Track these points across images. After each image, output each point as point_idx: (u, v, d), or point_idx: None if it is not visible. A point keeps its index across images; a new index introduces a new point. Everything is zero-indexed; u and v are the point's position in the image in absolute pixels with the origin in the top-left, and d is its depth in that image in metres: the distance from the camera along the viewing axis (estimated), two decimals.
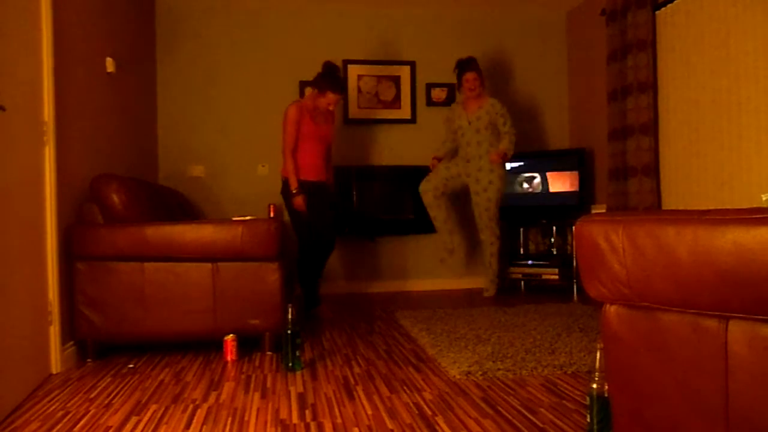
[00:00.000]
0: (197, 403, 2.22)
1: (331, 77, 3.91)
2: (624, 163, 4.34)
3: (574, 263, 4.65)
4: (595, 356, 1.72)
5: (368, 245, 5.17)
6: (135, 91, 4.21)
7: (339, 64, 5.15)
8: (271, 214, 4.88)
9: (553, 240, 5.05)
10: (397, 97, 5.25)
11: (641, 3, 4.14)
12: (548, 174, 4.97)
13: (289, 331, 2.59)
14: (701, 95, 3.75)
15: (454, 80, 5.32)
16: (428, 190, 4.59)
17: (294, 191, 3.85)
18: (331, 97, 3.91)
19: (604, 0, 4.60)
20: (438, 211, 4.61)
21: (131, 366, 2.78)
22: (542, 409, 2.07)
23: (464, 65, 4.53)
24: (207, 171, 4.98)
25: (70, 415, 2.10)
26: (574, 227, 4.43)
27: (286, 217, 4.92)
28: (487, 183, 4.50)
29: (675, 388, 1.14)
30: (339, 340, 3.26)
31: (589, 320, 3.57)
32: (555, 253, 5.01)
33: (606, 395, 1.66)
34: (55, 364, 2.66)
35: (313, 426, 1.94)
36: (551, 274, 4.73)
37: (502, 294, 4.85)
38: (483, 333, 3.24)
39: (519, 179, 5.08)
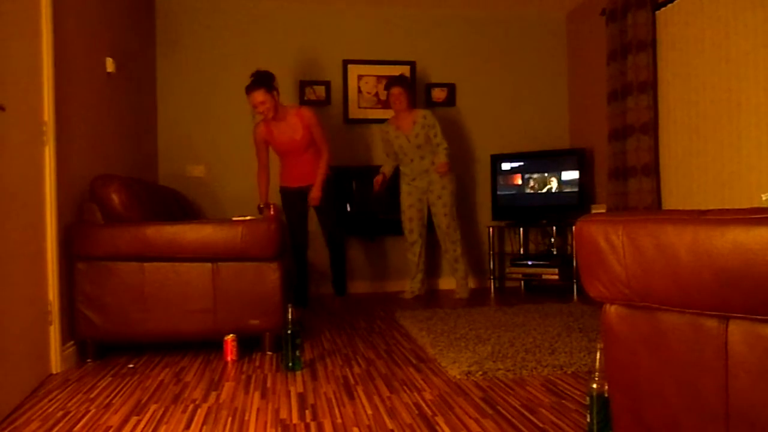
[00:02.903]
0: (197, 403, 2.22)
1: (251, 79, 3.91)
2: (624, 163, 4.34)
3: (574, 263, 4.65)
4: (595, 356, 1.72)
5: (368, 245, 5.17)
6: (135, 91, 4.21)
7: (339, 64, 5.16)
8: (271, 214, 4.88)
9: (553, 240, 5.05)
10: None
11: (641, 3, 4.14)
12: (548, 174, 4.97)
13: (289, 331, 2.59)
14: (701, 95, 3.75)
15: (454, 80, 5.34)
16: (415, 240, 4.68)
17: (261, 205, 4.10)
18: (249, 99, 3.86)
19: (604, 0, 4.61)
20: (416, 262, 4.71)
21: (131, 366, 2.78)
22: (542, 409, 2.07)
23: (391, 81, 4.59)
24: (207, 171, 4.98)
25: (70, 415, 2.10)
26: (574, 227, 4.43)
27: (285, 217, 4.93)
28: (441, 189, 4.58)
29: (675, 388, 1.14)
30: (339, 340, 3.26)
31: (589, 320, 3.57)
32: (555, 253, 5.01)
33: (606, 395, 1.66)
34: (55, 364, 2.66)
35: (313, 426, 1.94)
36: (551, 274, 4.73)
37: (502, 294, 4.85)
38: (483, 333, 3.24)
39: (519, 179, 5.08)
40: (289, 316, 2.60)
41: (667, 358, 1.16)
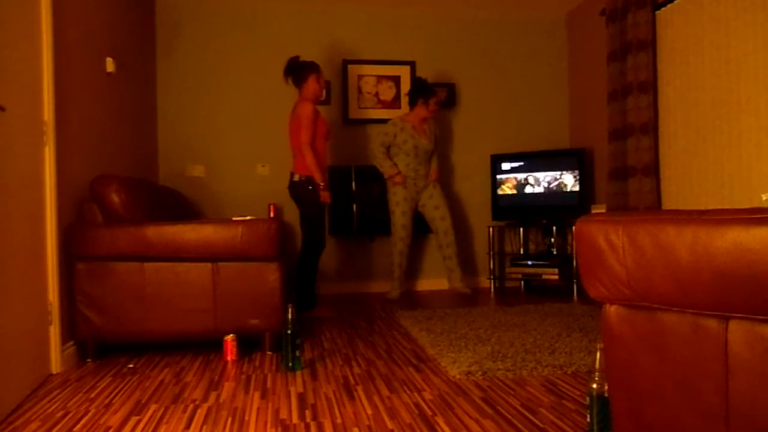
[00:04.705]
0: (197, 403, 2.22)
1: (306, 63, 4.03)
2: (624, 163, 4.34)
3: (574, 263, 4.65)
4: (595, 356, 1.72)
5: (367, 245, 5.17)
6: (135, 91, 4.21)
7: (339, 63, 5.16)
8: (271, 214, 4.88)
9: (553, 240, 5.05)
10: (397, 97, 5.25)
11: (641, 3, 4.14)
12: (548, 174, 4.97)
13: (289, 331, 2.59)
14: (701, 95, 3.75)
15: (454, 80, 5.34)
16: (405, 237, 4.67)
17: (322, 184, 3.89)
18: (322, 75, 4.05)
19: (604, 0, 4.61)
20: (404, 259, 4.71)
21: (131, 366, 2.78)
22: (542, 409, 2.07)
23: (428, 91, 4.64)
24: (207, 171, 4.98)
25: (70, 415, 2.10)
26: (574, 227, 4.43)
27: (287, 217, 4.93)
28: (439, 194, 4.73)
29: (675, 388, 1.14)
30: (339, 340, 3.26)
31: (589, 320, 3.57)
32: (555, 253, 5.01)
33: (606, 395, 1.66)
34: (55, 364, 2.66)
35: (313, 426, 1.94)
36: (551, 274, 4.73)
37: (502, 294, 4.85)
38: (483, 333, 3.24)
39: (519, 179, 5.08)
40: (289, 316, 2.60)
41: (667, 358, 1.16)
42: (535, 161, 5.03)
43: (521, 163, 5.08)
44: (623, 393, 1.28)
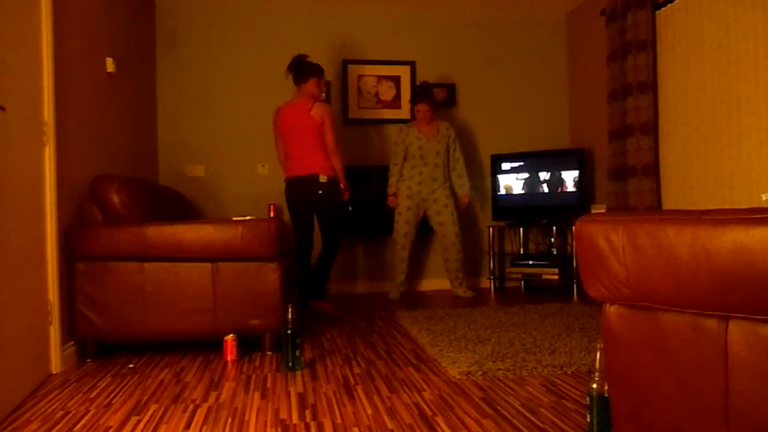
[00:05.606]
0: (197, 403, 2.22)
1: (310, 64, 4.03)
2: (624, 163, 4.34)
3: (574, 263, 4.65)
4: (595, 356, 1.72)
5: (367, 245, 5.17)
6: (135, 91, 4.21)
7: (339, 64, 5.16)
8: (271, 214, 4.88)
9: (553, 240, 5.05)
10: (397, 97, 5.25)
11: (641, 3, 4.14)
12: (548, 174, 4.97)
13: (289, 331, 2.59)
14: (701, 95, 3.75)
15: (454, 80, 5.34)
16: (406, 245, 4.68)
17: (343, 185, 3.97)
18: (324, 79, 4.08)
19: (604, 0, 4.61)
20: (405, 265, 4.71)
21: (131, 366, 2.78)
22: (542, 409, 2.07)
23: (416, 96, 4.65)
24: (207, 171, 4.98)
25: (70, 415, 2.10)
26: (574, 227, 4.43)
27: (287, 217, 4.93)
28: (446, 198, 4.69)
29: (675, 388, 1.14)
30: (339, 340, 3.26)
31: (589, 320, 3.57)
32: (555, 253, 5.01)
33: (606, 395, 1.66)
34: (55, 364, 2.66)
35: (313, 426, 1.94)
36: (551, 274, 4.73)
37: (502, 294, 4.85)
38: (483, 333, 3.24)
39: (519, 179, 5.08)
40: (289, 316, 2.60)
41: (667, 358, 1.16)
42: (535, 161, 5.03)
43: (521, 163, 5.08)
44: (623, 393, 1.28)
